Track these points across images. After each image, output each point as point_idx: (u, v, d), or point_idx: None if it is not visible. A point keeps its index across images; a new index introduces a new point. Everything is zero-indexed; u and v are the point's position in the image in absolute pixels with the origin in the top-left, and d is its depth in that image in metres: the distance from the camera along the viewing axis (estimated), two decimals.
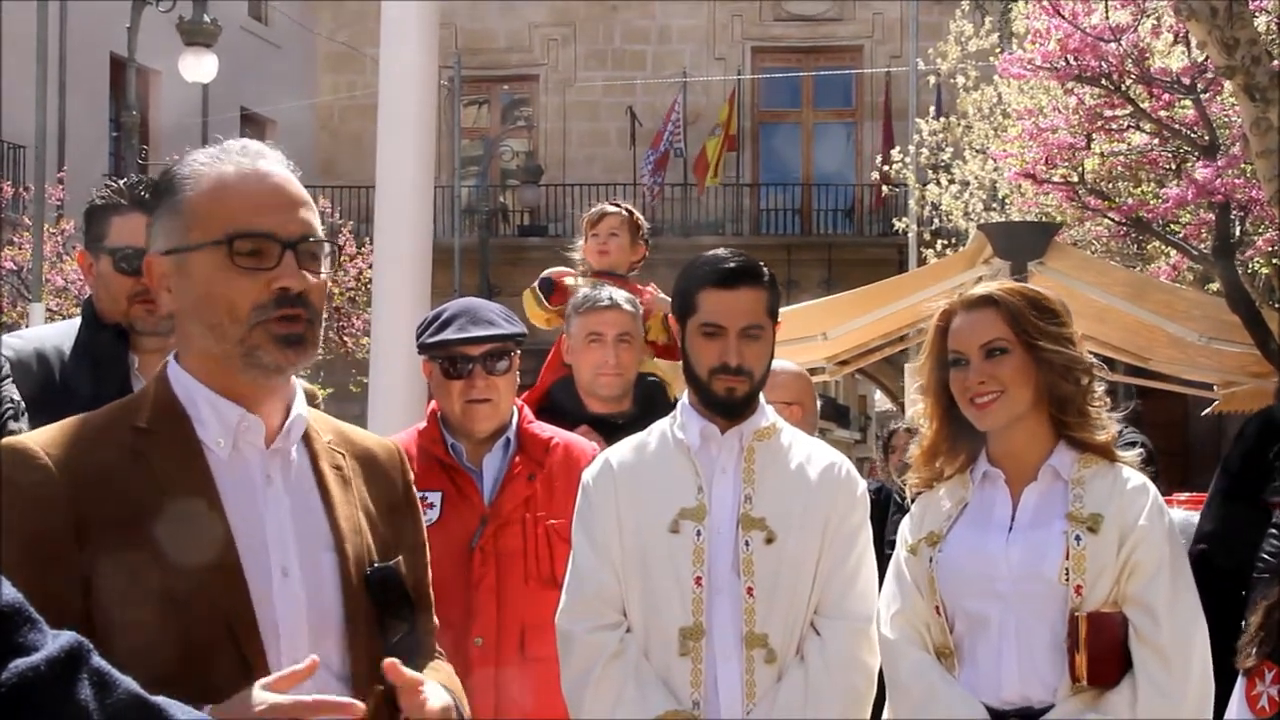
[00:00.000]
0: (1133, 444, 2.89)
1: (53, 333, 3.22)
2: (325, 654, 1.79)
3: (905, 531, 2.89)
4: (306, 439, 1.91)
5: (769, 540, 2.81)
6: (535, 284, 4.71)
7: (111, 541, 1.70)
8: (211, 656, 1.71)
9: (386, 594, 1.87)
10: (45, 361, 3.08)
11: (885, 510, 6.66)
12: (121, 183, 3.20)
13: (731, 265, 2.88)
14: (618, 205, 4.75)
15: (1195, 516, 3.21)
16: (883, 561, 2.93)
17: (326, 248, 1.87)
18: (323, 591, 1.83)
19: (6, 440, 1.80)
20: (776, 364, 3.10)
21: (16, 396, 2.95)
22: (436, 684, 1.86)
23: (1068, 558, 2.68)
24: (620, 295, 4.01)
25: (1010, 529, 2.76)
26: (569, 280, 4.64)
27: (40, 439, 1.77)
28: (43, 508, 1.71)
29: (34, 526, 1.69)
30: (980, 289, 2.85)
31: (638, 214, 4.76)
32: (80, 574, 1.69)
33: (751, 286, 2.87)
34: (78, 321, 3.20)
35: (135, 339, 3.10)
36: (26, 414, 2.92)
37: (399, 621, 1.89)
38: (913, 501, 2.93)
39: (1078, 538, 2.68)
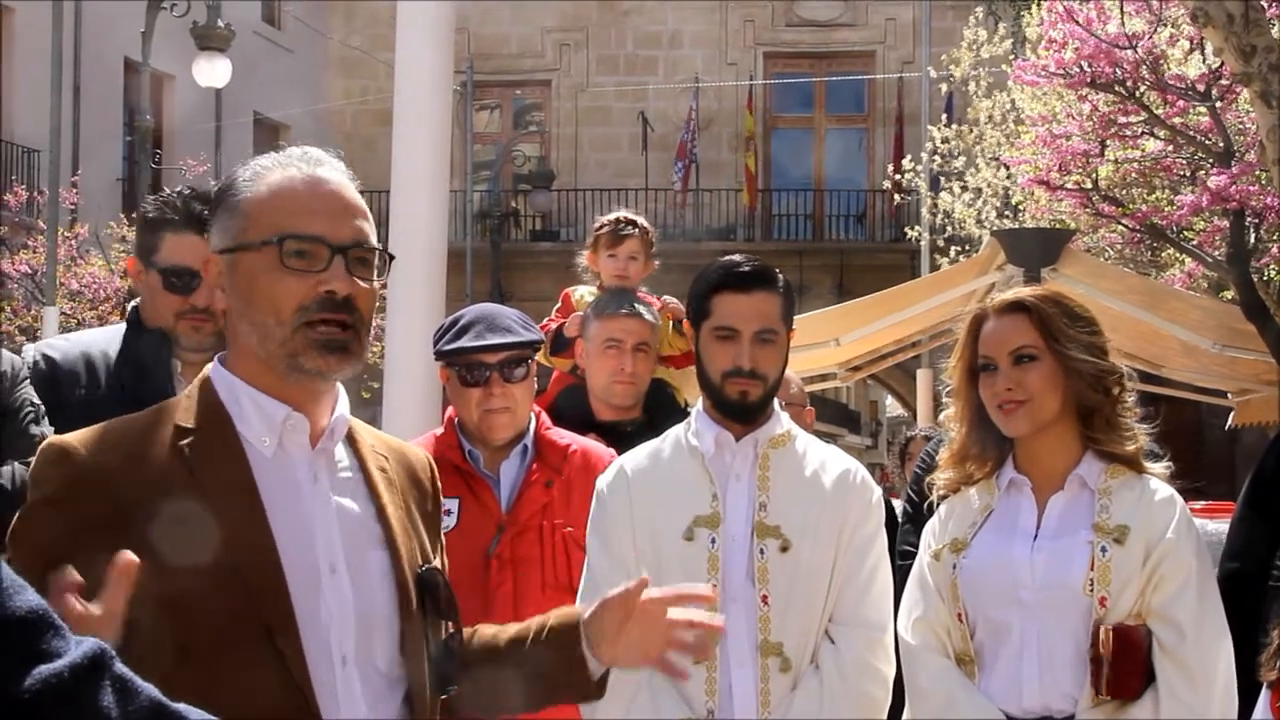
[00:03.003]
0: (1157, 456, 2.87)
1: (99, 337, 3.24)
2: (373, 651, 1.82)
3: (929, 536, 2.88)
4: (353, 441, 1.93)
5: (784, 548, 2.80)
6: (548, 341, 4.27)
7: (146, 536, 1.70)
8: (246, 652, 1.72)
9: (435, 594, 1.89)
10: (91, 365, 3.10)
11: (893, 517, 6.65)
12: (175, 196, 3.18)
13: (746, 269, 2.87)
14: (635, 221, 4.53)
15: (1210, 525, 3.19)
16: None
17: (379, 256, 1.87)
18: (371, 589, 1.84)
19: (49, 439, 1.82)
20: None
21: (36, 400, 2.97)
22: None
23: (1093, 568, 2.66)
24: (641, 305, 3.97)
25: (1035, 537, 2.74)
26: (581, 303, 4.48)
27: (79, 437, 1.79)
28: (79, 497, 1.72)
29: (71, 517, 1.71)
30: (1012, 294, 2.82)
31: (650, 229, 4.60)
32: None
33: (766, 290, 2.86)
34: (122, 327, 3.23)
35: (179, 349, 3.12)
36: (46, 418, 2.94)
37: (445, 622, 1.90)
38: (938, 504, 2.92)
39: (1104, 549, 2.67)
